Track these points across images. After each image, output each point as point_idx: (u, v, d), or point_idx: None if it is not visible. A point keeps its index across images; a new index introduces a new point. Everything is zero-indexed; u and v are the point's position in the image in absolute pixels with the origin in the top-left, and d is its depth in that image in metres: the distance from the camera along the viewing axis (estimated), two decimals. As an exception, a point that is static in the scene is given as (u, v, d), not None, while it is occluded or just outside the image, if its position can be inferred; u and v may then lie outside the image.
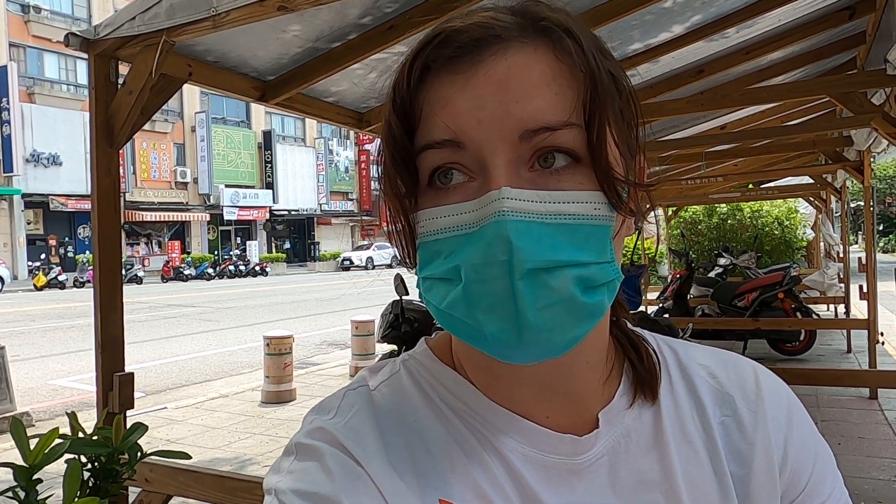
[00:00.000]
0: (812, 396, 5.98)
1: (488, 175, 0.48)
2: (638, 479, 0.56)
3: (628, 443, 0.57)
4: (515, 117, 0.48)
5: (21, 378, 8.15)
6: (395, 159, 0.52)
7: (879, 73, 3.29)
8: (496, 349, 0.49)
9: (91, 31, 2.34)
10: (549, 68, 0.49)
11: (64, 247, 29.76)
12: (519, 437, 0.56)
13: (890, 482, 4.11)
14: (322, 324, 13.39)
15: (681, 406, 0.60)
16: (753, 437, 0.59)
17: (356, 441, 0.54)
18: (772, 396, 0.62)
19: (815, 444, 0.62)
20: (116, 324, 2.40)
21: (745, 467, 0.58)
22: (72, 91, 29.64)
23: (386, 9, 2.55)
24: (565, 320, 0.48)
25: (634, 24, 3.28)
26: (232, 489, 2.13)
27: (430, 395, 0.59)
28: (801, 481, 0.59)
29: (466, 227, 0.49)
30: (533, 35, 0.51)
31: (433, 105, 0.50)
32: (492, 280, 0.46)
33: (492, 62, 0.49)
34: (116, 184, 2.45)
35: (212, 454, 5.23)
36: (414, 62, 0.51)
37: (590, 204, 0.49)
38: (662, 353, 0.64)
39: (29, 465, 1.28)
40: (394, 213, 0.55)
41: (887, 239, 36.99)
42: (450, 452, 0.55)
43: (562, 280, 0.47)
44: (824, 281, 9.40)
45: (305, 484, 0.51)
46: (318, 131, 41.38)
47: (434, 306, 0.52)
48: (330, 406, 0.58)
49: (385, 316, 5.89)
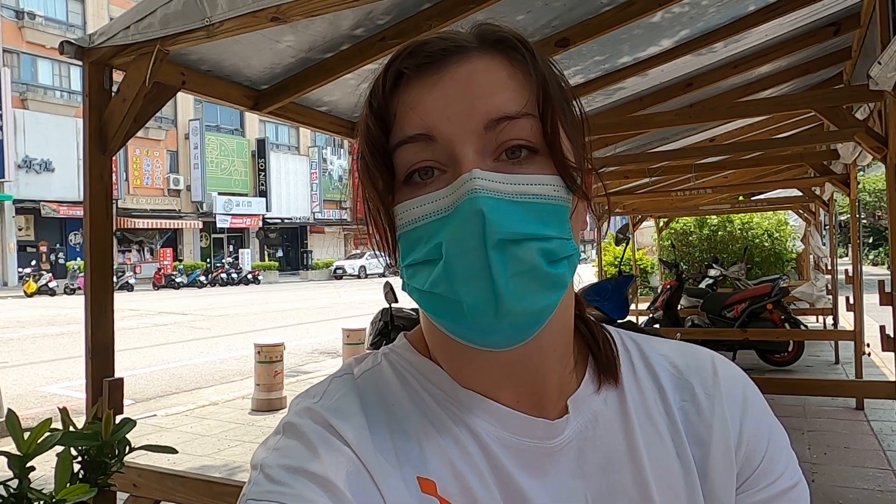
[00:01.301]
0: (799, 407, 6.02)
1: (459, 164, 0.54)
2: (606, 461, 0.60)
3: (596, 427, 0.61)
4: (480, 111, 0.54)
5: (10, 384, 8.10)
6: (373, 157, 0.57)
7: (862, 89, 3.35)
8: (475, 324, 0.53)
9: (86, 39, 2.37)
10: (505, 71, 0.56)
11: (55, 253, 29.58)
12: (492, 419, 0.59)
13: (874, 492, 4.15)
14: (313, 332, 13.36)
15: (644, 392, 0.64)
16: (711, 420, 0.63)
17: (342, 420, 0.57)
18: (727, 381, 0.66)
19: (769, 424, 0.65)
20: (107, 329, 2.41)
21: (704, 449, 0.62)
22: (65, 98, 29.58)
23: (378, 21, 2.59)
24: (534, 288, 0.52)
25: (623, 38, 3.34)
26: (219, 494, 2.14)
27: (409, 383, 0.62)
28: (755, 460, 0.62)
29: (443, 211, 0.54)
30: (490, 46, 0.58)
31: (406, 106, 0.56)
32: (469, 252, 0.51)
33: (455, 68, 0.56)
34: (109, 190, 2.47)
35: (201, 461, 5.22)
36: (388, 70, 0.57)
37: (549, 186, 0.55)
38: (626, 345, 0.68)
39: (23, 453, 1.33)
40: (373, 209, 0.60)
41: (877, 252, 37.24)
42: (427, 434, 0.58)
43: (528, 251, 0.52)
44: (813, 292, 9.47)
45: (292, 460, 0.54)
46: (311, 140, 41.38)
47: (418, 290, 0.56)
48: (317, 391, 0.62)
49: (374, 323, 5.91)
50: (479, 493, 0.56)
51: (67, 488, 1.32)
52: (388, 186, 0.57)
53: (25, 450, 1.34)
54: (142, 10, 2.20)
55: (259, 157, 37.44)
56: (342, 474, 0.53)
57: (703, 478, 0.61)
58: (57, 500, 1.31)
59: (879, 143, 3.42)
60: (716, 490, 0.60)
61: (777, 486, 0.62)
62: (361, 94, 0.61)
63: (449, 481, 0.56)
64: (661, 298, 8.65)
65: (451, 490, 0.56)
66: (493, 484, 0.56)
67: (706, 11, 3.25)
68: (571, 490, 0.58)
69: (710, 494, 0.60)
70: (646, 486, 0.59)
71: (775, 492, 0.62)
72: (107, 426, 1.50)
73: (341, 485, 0.52)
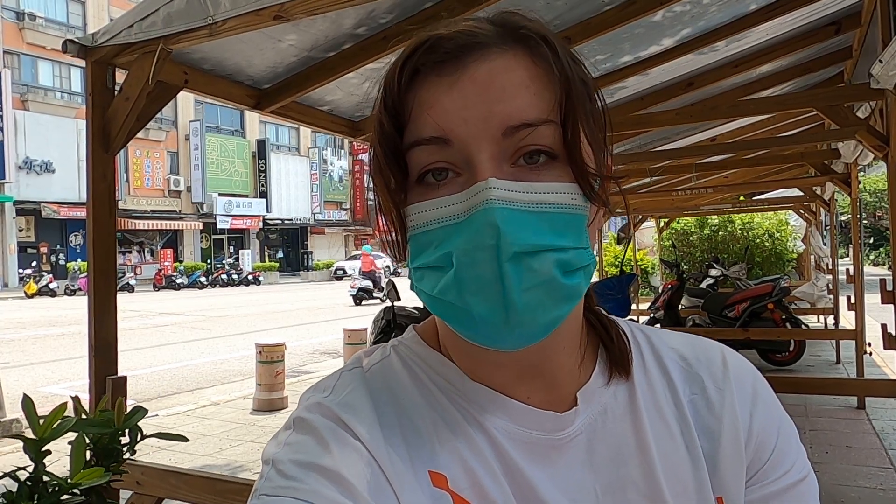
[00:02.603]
0: (801, 406, 6.03)
1: (474, 169, 0.52)
2: (614, 453, 0.60)
3: (605, 420, 0.61)
4: (498, 116, 0.52)
5: (11, 385, 8.10)
6: (386, 155, 0.56)
7: (863, 87, 3.35)
8: (483, 332, 0.52)
9: (89, 38, 2.37)
10: (526, 72, 0.54)
11: (55, 254, 29.60)
12: (503, 414, 0.59)
13: (876, 490, 4.15)
14: (314, 332, 13.37)
15: (654, 386, 0.64)
16: (721, 413, 0.63)
17: (352, 415, 0.57)
18: (738, 374, 0.66)
19: (779, 418, 0.65)
20: (110, 328, 2.42)
21: (714, 442, 0.62)
22: (65, 99, 29.60)
23: (380, 19, 2.60)
24: (547, 301, 0.52)
25: (625, 37, 3.34)
26: (223, 491, 2.15)
27: (419, 376, 0.62)
28: (765, 453, 0.62)
29: (455, 217, 0.52)
30: (512, 42, 0.55)
31: (422, 105, 0.54)
32: (481, 263, 0.50)
33: (475, 66, 0.53)
34: (112, 189, 2.47)
35: (203, 461, 5.22)
36: (404, 66, 0.55)
37: (567, 195, 0.54)
38: (636, 337, 0.68)
39: (38, 437, 1.37)
40: (385, 207, 0.58)
41: (878, 252, 37.21)
42: (437, 428, 0.58)
43: (544, 263, 0.51)
44: (814, 292, 9.47)
45: (304, 454, 0.54)
46: (311, 141, 41.40)
47: (426, 294, 0.55)
48: (326, 385, 0.62)
49: (377, 322, 5.92)
50: (489, 487, 0.56)
51: (82, 472, 1.36)
52: (400, 185, 0.56)
53: (41, 434, 1.37)
54: (145, 9, 2.20)
55: (259, 157, 37.46)
56: (354, 469, 0.53)
57: (712, 471, 0.61)
58: (72, 484, 1.34)
59: (881, 142, 3.43)
60: (725, 483, 0.60)
61: (786, 479, 0.62)
62: (367, 92, 0.60)
63: (459, 475, 0.56)
64: (662, 298, 8.66)
65: (462, 484, 0.56)
66: (503, 477, 0.57)
67: (707, 10, 3.25)
68: (581, 482, 0.58)
69: (719, 487, 0.60)
70: (655, 478, 0.59)
71: (785, 485, 0.62)
72: (119, 414, 1.52)
73: (353, 480, 0.52)
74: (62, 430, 1.35)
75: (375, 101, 0.58)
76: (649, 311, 9.09)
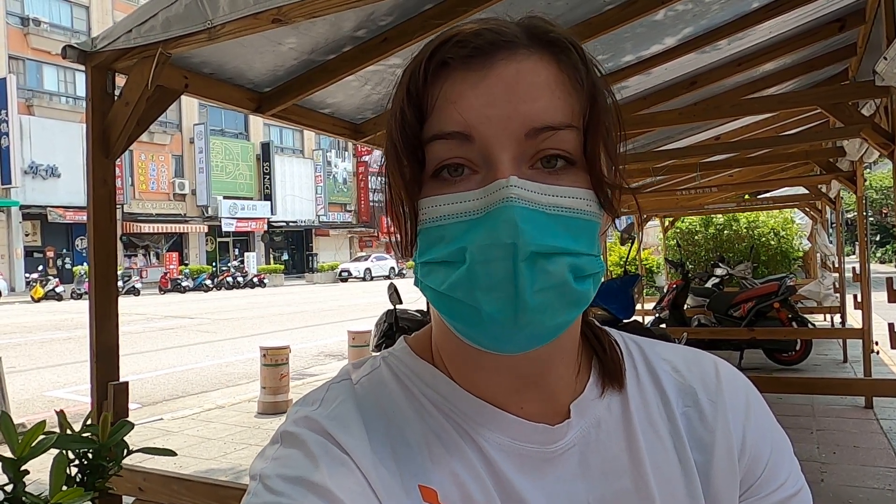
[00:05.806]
0: (807, 406, 5.99)
1: (494, 168, 0.52)
2: (608, 466, 0.59)
3: (598, 432, 0.60)
4: (522, 116, 0.52)
5: (17, 390, 8.13)
6: (405, 145, 0.55)
7: (868, 84, 3.33)
8: (489, 331, 0.51)
9: (88, 43, 2.37)
10: (552, 75, 0.54)
11: (62, 258, 29.73)
12: (494, 426, 0.58)
13: (884, 491, 4.12)
14: (319, 335, 13.38)
15: (647, 398, 0.63)
16: (714, 426, 0.62)
17: (341, 429, 0.56)
18: (731, 386, 0.65)
19: (772, 431, 0.64)
20: (111, 333, 2.41)
21: (707, 455, 0.61)
22: (70, 103, 29.72)
23: (380, 22, 2.59)
24: (557, 304, 0.51)
25: (626, 37, 3.32)
26: (224, 497, 2.14)
27: (409, 389, 0.61)
28: (758, 467, 0.62)
29: (472, 214, 0.52)
30: (539, 45, 0.55)
31: (447, 99, 0.53)
32: (496, 261, 0.50)
33: (503, 65, 0.53)
34: (112, 194, 2.47)
35: (207, 465, 5.22)
36: (432, 57, 0.55)
37: (583, 200, 0.53)
38: (629, 348, 0.67)
39: (17, 457, 1.33)
40: (396, 198, 0.57)
41: (884, 250, 37.05)
42: (428, 442, 0.57)
43: (559, 266, 0.51)
44: (820, 291, 9.42)
45: (291, 469, 0.53)
46: (316, 143, 41.48)
47: (432, 290, 0.54)
48: (314, 398, 0.61)
49: (379, 325, 5.91)
50: (480, 502, 0.55)
51: (62, 492, 1.32)
52: (415, 177, 0.55)
53: (19, 453, 1.33)
54: (143, 14, 2.19)
55: (264, 160, 37.55)
56: (342, 484, 0.52)
57: (705, 484, 0.60)
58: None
59: (886, 139, 3.41)
60: (718, 496, 0.60)
61: (780, 492, 0.62)
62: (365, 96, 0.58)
63: (450, 490, 0.55)
64: (667, 298, 8.63)
65: (453, 498, 0.55)
66: (494, 491, 0.56)
67: (709, 9, 3.23)
68: (573, 495, 0.57)
69: (712, 500, 0.60)
70: (648, 491, 0.58)
71: (778, 499, 0.61)
72: (104, 429, 1.49)
73: (342, 495, 0.51)
74: (42, 449, 1.31)
75: (392, 94, 0.58)
76: (654, 310, 9.06)
